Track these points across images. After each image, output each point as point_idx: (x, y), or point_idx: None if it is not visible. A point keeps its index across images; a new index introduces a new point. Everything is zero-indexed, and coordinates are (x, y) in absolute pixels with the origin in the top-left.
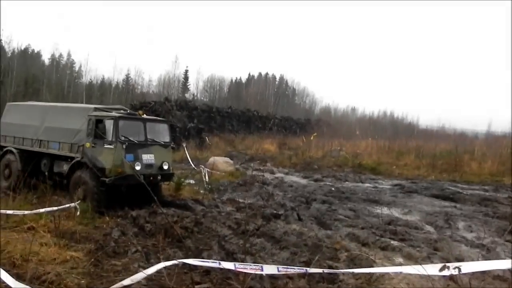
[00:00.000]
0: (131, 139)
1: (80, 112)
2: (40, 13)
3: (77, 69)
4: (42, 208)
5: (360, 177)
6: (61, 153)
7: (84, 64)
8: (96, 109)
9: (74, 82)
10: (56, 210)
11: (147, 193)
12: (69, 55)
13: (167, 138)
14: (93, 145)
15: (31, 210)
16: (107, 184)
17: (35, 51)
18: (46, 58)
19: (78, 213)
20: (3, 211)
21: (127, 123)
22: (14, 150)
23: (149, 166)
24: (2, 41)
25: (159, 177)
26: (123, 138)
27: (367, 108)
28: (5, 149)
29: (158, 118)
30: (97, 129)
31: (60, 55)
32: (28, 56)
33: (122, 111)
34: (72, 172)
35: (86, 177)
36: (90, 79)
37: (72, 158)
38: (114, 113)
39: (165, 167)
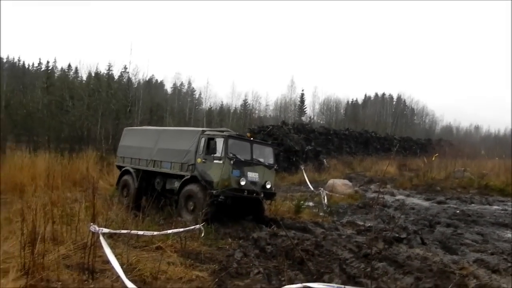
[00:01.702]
0: (239, 157)
1: (189, 135)
2: (162, 44)
3: (197, 96)
4: (168, 229)
5: (487, 199)
6: (173, 171)
7: (203, 91)
8: (203, 131)
9: (194, 109)
10: (182, 232)
11: (251, 207)
12: (189, 83)
13: (271, 160)
14: (204, 160)
15: (159, 231)
16: (215, 196)
17: (159, 81)
18: (168, 87)
19: (203, 234)
20: (134, 231)
21: (236, 143)
22: (131, 170)
23: (253, 183)
24: (130, 73)
25: (262, 195)
26: (231, 155)
27: (492, 125)
28: (123, 169)
29: (264, 142)
30: (208, 146)
31: (182, 84)
32: (152, 86)
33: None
34: (182, 188)
35: (195, 190)
36: (210, 106)
37: (182, 176)
38: (225, 133)
39: (268, 186)
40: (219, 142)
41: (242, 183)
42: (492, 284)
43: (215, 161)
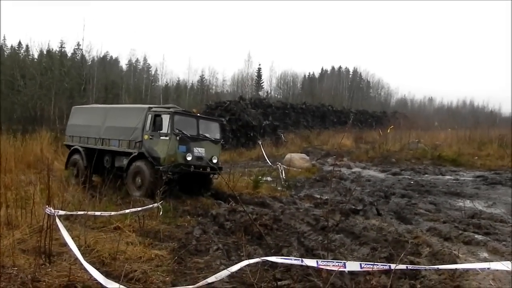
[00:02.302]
0: (185, 132)
1: (136, 112)
2: (115, 20)
3: (153, 72)
4: (126, 208)
5: (440, 170)
6: (121, 149)
7: (159, 68)
8: (150, 108)
9: (151, 86)
10: (140, 210)
11: (198, 182)
12: (145, 59)
13: (217, 135)
14: (150, 137)
15: (117, 211)
16: (161, 172)
17: (113, 58)
18: (123, 64)
19: (161, 212)
20: (91, 212)
21: (182, 119)
22: (80, 149)
23: (200, 158)
24: (83, 50)
25: (208, 169)
26: (177, 131)
27: (445, 98)
28: (72, 148)
29: (211, 117)
30: (155, 123)
31: (137, 60)
32: (107, 63)
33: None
34: (130, 165)
35: (142, 166)
36: (166, 82)
37: (130, 153)
38: (171, 109)
39: (214, 160)
40: (165, 119)
41: (189, 158)
42: (444, 251)
43: (161, 138)
